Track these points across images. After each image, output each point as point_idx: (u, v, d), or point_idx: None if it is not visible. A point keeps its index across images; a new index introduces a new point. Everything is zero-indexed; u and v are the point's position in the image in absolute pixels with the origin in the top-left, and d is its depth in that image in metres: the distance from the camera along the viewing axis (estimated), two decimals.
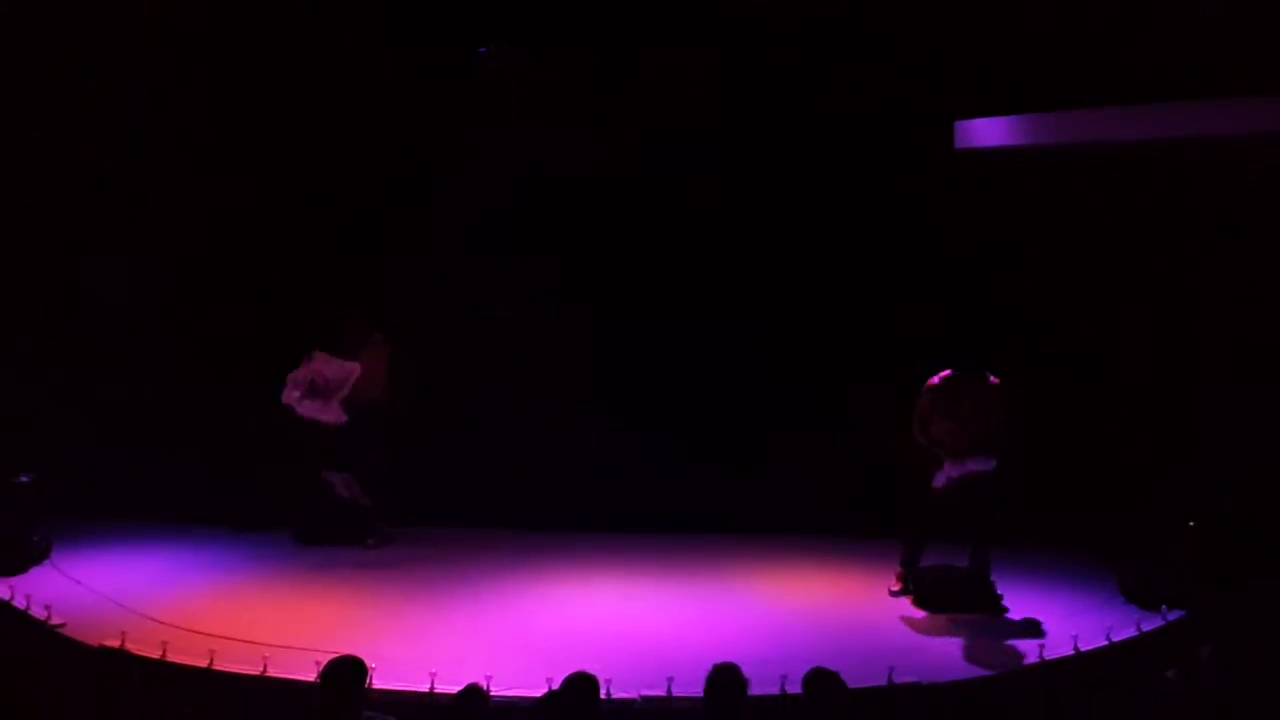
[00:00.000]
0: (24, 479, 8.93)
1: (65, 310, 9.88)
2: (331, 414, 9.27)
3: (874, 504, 9.80)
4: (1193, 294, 9.34)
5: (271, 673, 6.93)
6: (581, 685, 5.62)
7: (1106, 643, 7.58)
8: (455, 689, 5.78)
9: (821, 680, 5.75)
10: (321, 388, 9.24)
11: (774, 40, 9.64)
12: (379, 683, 6.54)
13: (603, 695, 5.89)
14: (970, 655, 7.61)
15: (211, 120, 9.84)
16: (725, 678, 5.58)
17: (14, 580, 8.29)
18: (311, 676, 6.46)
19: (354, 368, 9.36)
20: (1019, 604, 8.39)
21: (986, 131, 9.40)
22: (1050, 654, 7.32)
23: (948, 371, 8.34)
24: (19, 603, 7.85)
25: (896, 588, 8.67)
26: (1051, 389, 9.44)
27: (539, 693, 6.22)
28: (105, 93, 9.54)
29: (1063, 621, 7.97)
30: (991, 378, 8.33)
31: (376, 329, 9.58)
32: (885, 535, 9.45)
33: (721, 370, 10.09)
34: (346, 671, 5.59)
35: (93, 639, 7.34)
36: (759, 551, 9.72)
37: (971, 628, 8.08)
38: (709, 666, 5.66)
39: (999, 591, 8.42)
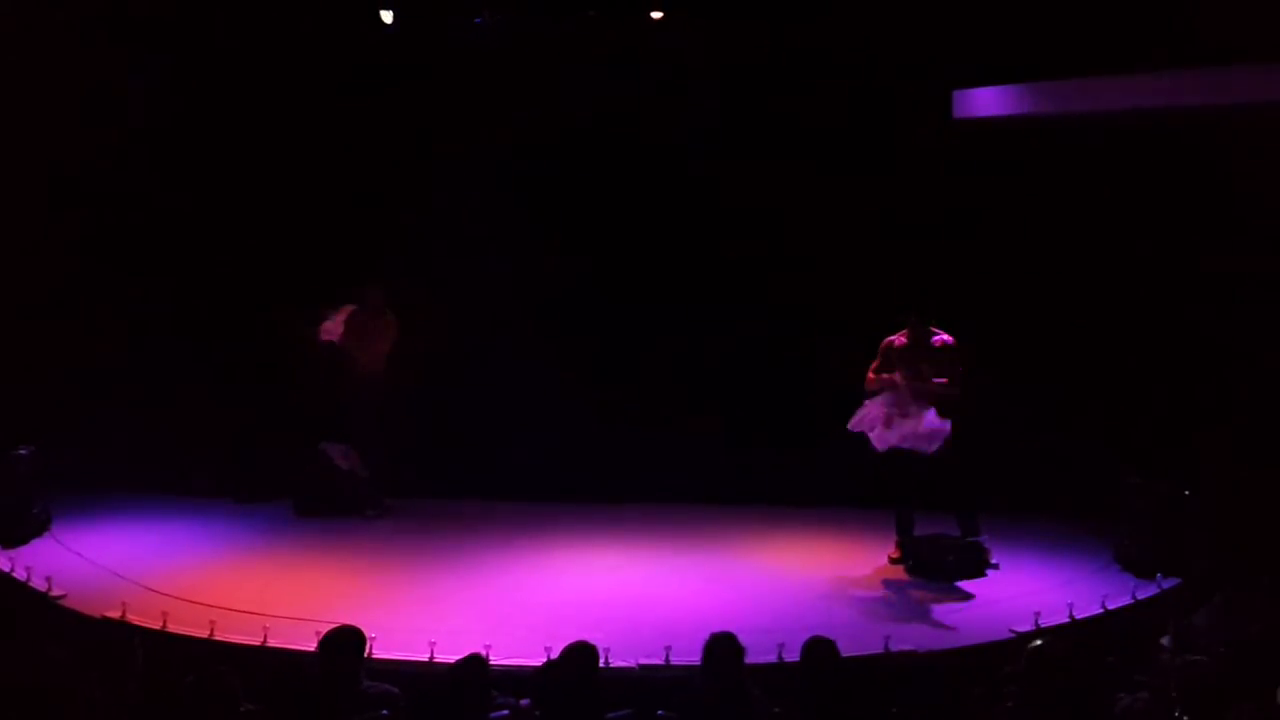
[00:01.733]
0: (24, 451, 8.94)
1: (65, 282, 9.85)
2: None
3: (868, 473, 9.85)
4: (1192, 264, 9.35)
5: (272, 643, 6.98)
6: (580, 654, 5.66)
7: (1101, 610, 7.63)
8: (454, 658, 5.81)
9: (818, 648, 5.79)
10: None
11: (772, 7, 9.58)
12: (379, 652, 6.59)
13: (601, 664, 5.92)
14: (965, 623, 7.66)
15: (214, 88, 9.78)
16: (723, 646, 5.62)
17: (14, 552, 8.31)
18: (311, 646, 6.49)
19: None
20: (1015, 571, 8.43)
21: (984, 101, 9.36)
22: (1045, 621, 7.36)
23: (904, 332, 8.46)
24: (19, 574, 7.88)
25: (896, 554, 8.73)
26: (1049, 358, 9.46)
27: (538, 662, 6.26)
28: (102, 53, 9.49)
29: (1058, 589, 8.02)
30: (945, 336, 8.44)
31: (389, 306, 9.62)
32: (880, 505, 9.50)
33: (716, 342, 10.09)
34: (346, 641, 5.63)
35: (94, 610, 7.38)
36: (755, 521, 9.76)
37: (967, 596, 8.13)
38: (706, 635, 5.70)
39: (988, 547, 8.47)
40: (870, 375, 8.55)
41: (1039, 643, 5.66)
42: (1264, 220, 8.92)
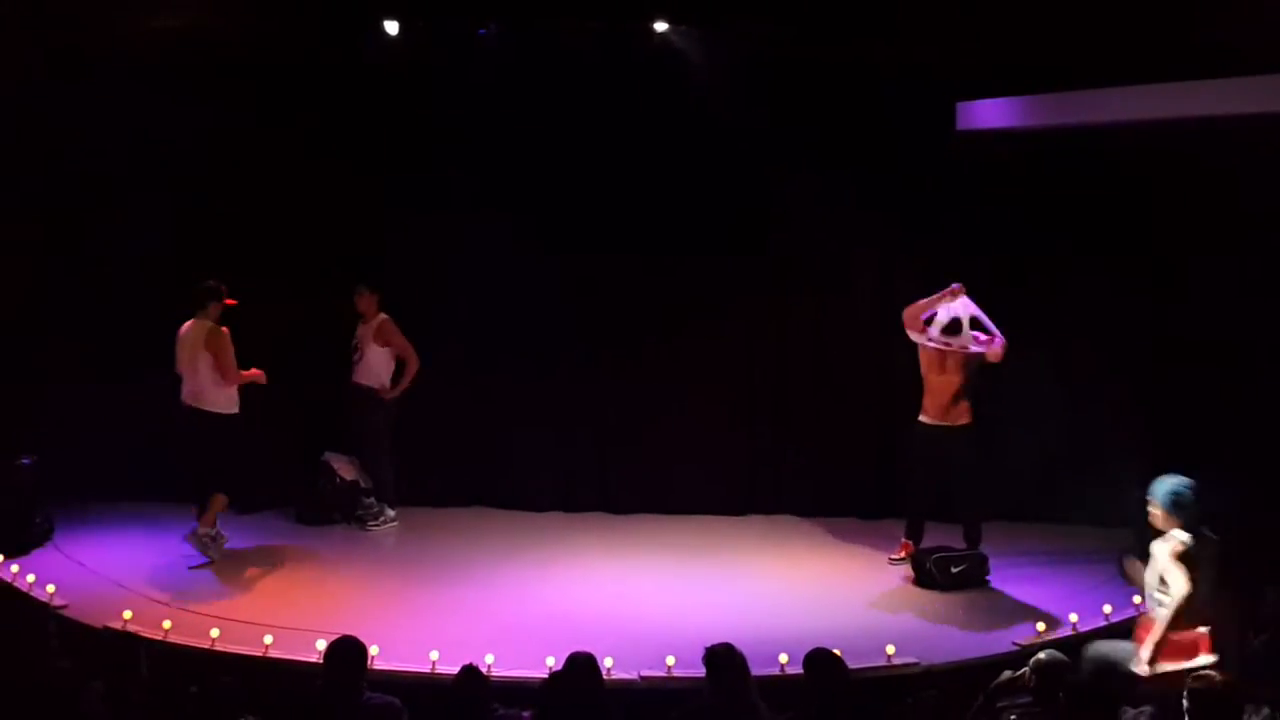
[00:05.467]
0: (26, 461, 8.95)
1: (67, 291, 9.85)
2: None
3: (873, 483, 9.84)
4: (1197, 275, 9.36)
5: (274, 653, 6.98)
6: (582, 665, 5.65)
7: (1105, 623, 7.61)
8: (456, 669, 5.80)
9: (821, 660, 5.78)
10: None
11: (776, 16, 9.55)
12: (380, 663, 6.59)
13: (603, 675, 5.91)
14: (969, 635, 7.65)
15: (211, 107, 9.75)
16: (728, 657, 5.61)
17: (17, 561, 8.30)
18: (313, 657, 6.51)
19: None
20: (1018, 583, 8.42)
21: (988, 113, 9.35)
22: (1049, 634, 7.35)
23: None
24: (21, 584, 7.88)
25: (899, 555, 8.73)
26: (1055, 368, 9.46)
27: (539, 672, 6.25)
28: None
29: (1061, 601, 8.00)
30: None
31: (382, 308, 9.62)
32: (883, 515, 9.50)
33: (718, 353, 10.10)
34: (348, 652, 5.62)
35: (96, 620, 7.39)
36: (757, 532, 9.76)
37: (970, 607, 8.11)
38: (707, 647, 5.70)
39: (986, 555, 8.51)
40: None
41: (1042, 656, 5.65)
42: (1267, 229, 8.94)
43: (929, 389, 8.60)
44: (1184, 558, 5.99)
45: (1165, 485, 6.21)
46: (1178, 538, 6.08)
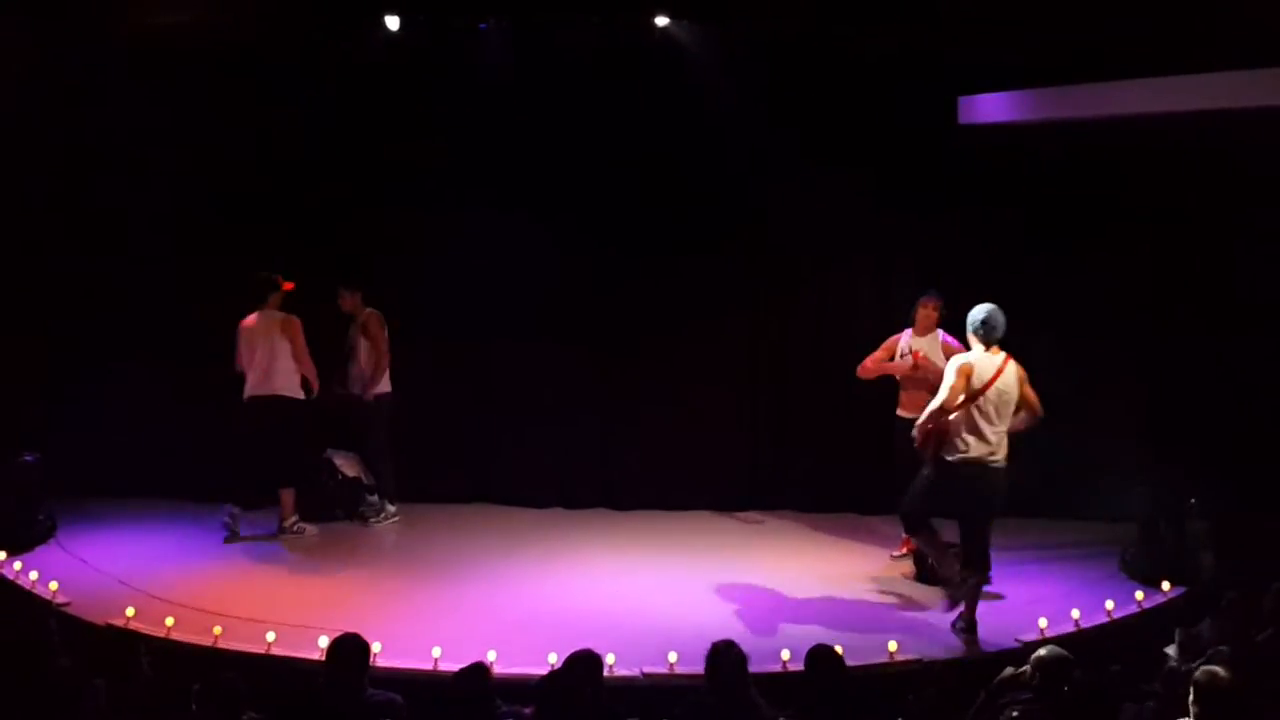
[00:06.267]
0: (29, 458, 8.96)
1: (68, 288, 9.86)
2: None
3: (874, 480, 9.83)
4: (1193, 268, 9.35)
5: (276, 651, 6.98)
6: (584, 662, 5.65)
7: (1107, 619, 7.61)
8: (458, 666, 5.81)
9: (823, 657, 5.78)
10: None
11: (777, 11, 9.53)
12: (383, 660, 6.58)
13: (605, 672, 5.91)
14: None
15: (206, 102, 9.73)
16: (727, 654, 5.61)
17: (20, 559, 8.31)
18: (316, 654, 6.52)
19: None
20: (1019, 579, 8.41)
21: (990, 107, 9.34)
22: (1051, 630, 7.34)
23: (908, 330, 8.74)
24: (24, 582, 7.89)
25: (900, 552, 8.75)
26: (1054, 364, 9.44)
27: (542, 670, 6.25)
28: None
29: (1064, 597, 7.99)
30: (951, 339, 8.57)
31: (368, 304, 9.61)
32: (884, 511, 9.48)
33: (719, 350, 10.10)
34: (350, 649, 5.62)
35: (98, 618, 7.39)
36: (759, 528, 9.76)
37: None
38: (709, 643, 5.69)
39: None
40: (868, 364, 8.74)
41: (1044, 652, 5.64)
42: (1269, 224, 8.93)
43: (904, 384, 8.77)
44: (958, 369, 7.17)
45: (973, 312, 7.30)
46: (970, 355, 7.28)
